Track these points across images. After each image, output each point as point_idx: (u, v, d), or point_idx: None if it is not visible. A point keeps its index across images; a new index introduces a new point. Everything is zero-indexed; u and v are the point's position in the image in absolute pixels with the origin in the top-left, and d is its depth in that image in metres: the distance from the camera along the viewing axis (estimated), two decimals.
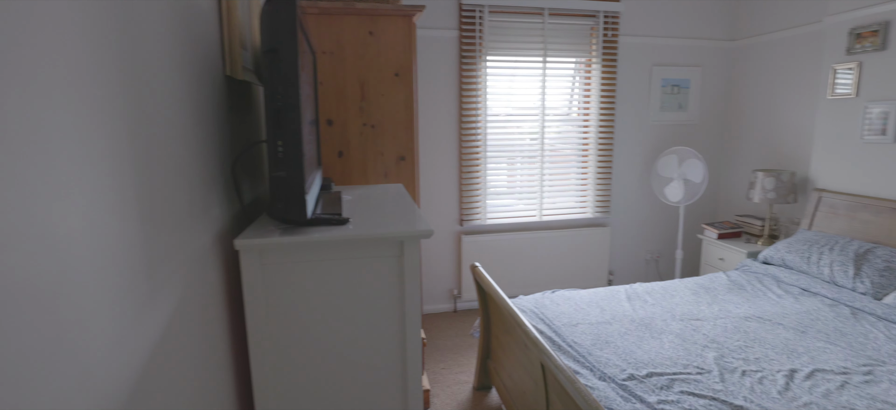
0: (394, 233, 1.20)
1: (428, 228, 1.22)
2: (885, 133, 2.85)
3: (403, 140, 2.24)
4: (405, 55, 2.20)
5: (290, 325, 1.20)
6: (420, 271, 2.64)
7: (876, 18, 2.88)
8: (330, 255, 1.19)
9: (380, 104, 2.21)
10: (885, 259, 2.57)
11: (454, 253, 3.86)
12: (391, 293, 1.25)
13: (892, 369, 1.87)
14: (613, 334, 2.16)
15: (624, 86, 3.92)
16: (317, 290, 1.20)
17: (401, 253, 1.22)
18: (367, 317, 1.24)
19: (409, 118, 2.24)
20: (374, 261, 1.22)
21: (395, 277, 1.24)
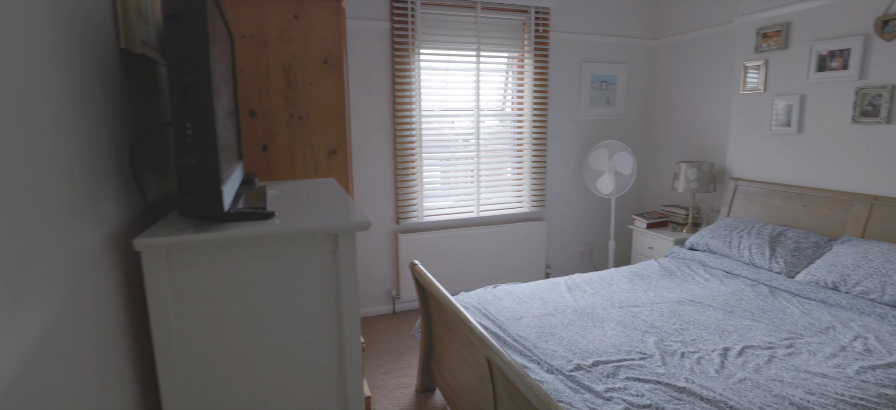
0: (327, 226, 1.07)
1: (365, 219, 1.10)
2: (790, 125, 3.08)
3: (335, 132, 2.10)
4: (334, 41, 2.05)
5: (208, 336, 1.03)
6: None
7: (779, 19, 3.10)
8: (253, 254, 1.04)
9: (308, 93, 2.05)
10: (794, 240, 2.77)
11: (391, 252, 3.74)
12: (326, 293, 1.11)
13: (809, 341, 1.99)
14: (557, 325, 2.14)
15: (555, 81, 3.98)
16: (239, 295, 1.04)
17: (335, 248, 1.10)
18: (300, 322, 1.11)
19: (340, 108, 2.09)
20: (305, 259, 1.08)
21: (330, 275, 1.11)
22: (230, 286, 1.03)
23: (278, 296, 1.08)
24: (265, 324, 1.08)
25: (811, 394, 1.62)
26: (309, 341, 1.12)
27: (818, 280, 2.46)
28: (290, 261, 1.07)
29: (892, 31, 2.57)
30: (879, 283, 2.26)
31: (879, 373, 1.75)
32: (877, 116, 2.65)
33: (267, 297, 1.07)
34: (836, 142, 2.86)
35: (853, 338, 2.00)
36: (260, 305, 1.06)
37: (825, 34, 2.86)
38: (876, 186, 2.68)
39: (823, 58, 2.87)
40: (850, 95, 2.77)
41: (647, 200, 4.49)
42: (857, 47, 2.71)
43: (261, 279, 1.05)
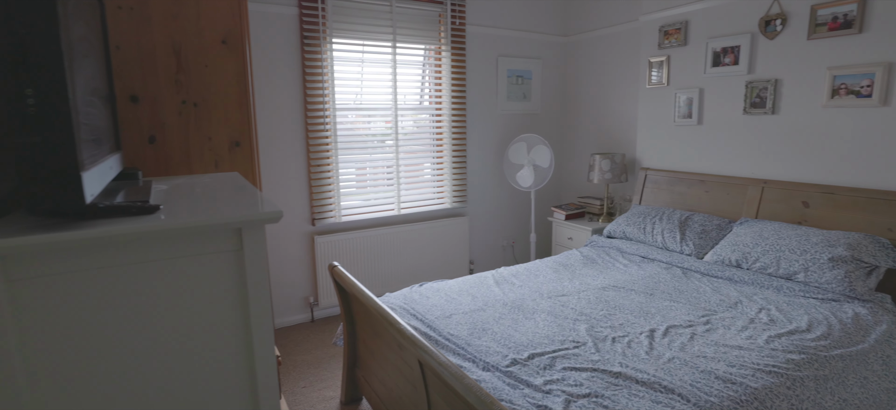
0: (228, 219, 0.88)
1: (275, 209, 0.92)
2: (691, 116, 3.28)
3: (237, 122, 1.85)
4: (234, 19, 1.81)
5: (68, 365, 0.80)
6: (267, 281, 2.24)
7: (678, 18, 3.30)
8: (129, 258, 0.82)
9: (204, 77, 1.78)
10: (700, 224, 2.94)
11: (307, 256, 3.48)
12: (230, 301, 0.92)
13: (722, 316, 2.09)
14: (489, 320, 2.07)
15: (473, 75, 3.95)
16: (110, 310, 0.82)
17: (239, 245, 0.91)
18: (197, 338, 0.90)
19: (243, 95, 1.85)
20: (200, 260, 0.88)
21: (233, 279, 0.92)
22: (98, 300, 0.81)
23: (166, 309, 0.87)
24: (149, 344, 0.86)
25: (732, 366, 1.67)
26: (210, 359, 0.92)
27: (723, 259, 2.63)
28: (180, 265, 0.87)
29: (774, 30, 2.81)
30: (775, 259, 2.44)
31: (785, 340, 1.86)
32: (764, 107, 2.89)
33: (150, 311, 0.85)
34: (731, 131, 3.08)
35: (758, 310, 2.13)
36: (141, 321, 0.85)
37: (718, 32, 3.08)
38: (766, 171, 2.93)
39: (718, 54, 3.09)
40: (742, 88, 2.99)
41: (564, 192, 4.62)
42: (745, 44, 2.93)
43: (141, 289, 0.84)
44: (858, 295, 2.18)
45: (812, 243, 2.39)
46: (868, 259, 2.26)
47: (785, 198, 2.78)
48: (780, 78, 2.81)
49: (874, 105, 2.45)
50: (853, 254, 2.26)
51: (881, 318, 2.07)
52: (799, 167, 2.77)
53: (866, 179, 2.52)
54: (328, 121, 3.33)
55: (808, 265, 2.32)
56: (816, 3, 2.61)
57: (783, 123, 2.82)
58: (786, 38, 2.76)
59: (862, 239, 2.34)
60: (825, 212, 2.62)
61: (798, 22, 2.70)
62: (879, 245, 2.32)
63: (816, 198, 2.66)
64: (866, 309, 2.11)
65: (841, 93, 2.56)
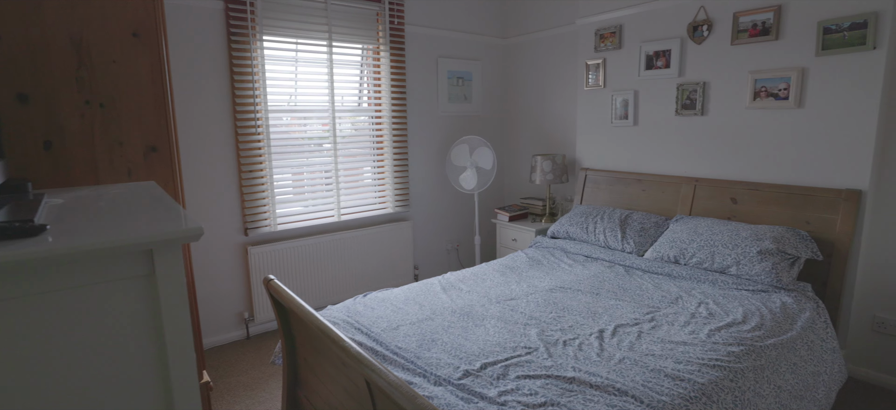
0: (135, 240, 0.74)
1: (195, 227, 0.79)
2: (627, 117, 3.38)
3: (153, 125, 1.65)
4: (146, 9, 1.61)
5: None
6: (194, 295, 2.03)
7: (613, 22, 3.39)
8: (6, 291, 0.66)
9: (111, 74, 1.57)
10: (639, 221, 3.02)
11: (240, 268, 3.24)
12: (140, 334, 0.78)
13: (665, 313, 2.14)
14: (438, 330, 1.98)
15: (413, 76, 3.86)
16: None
17: (151, 269, 0.77)
18: (100, 383, 0.75)
19: (159, 95, 1.66)
20: (102, 290, 0.73)
21: (144, 309, 0.77)
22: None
23: (58, 353, 0.71)
24: (38, 396, 0.70)
25: (679, 363, 1.69)
26: (118, 405, 0.77)
27: (663, 256, 2.70)
28: (75, 298, 0.72)
29: (701, 36, 2.94)
30: (709, 254, 2.54)
31: (724, 333, 1.92)
32: (694, 109, 3.02)
33: (37, 357, 0.69)
34: (664, 132, 3.20)
35: (698, 305, 2.19)
36: (24, 370, 0.69)
37: (651, 36, 3.19)
38: (697, 169, 3.06)
39: (650, 57, 3.20)
40: (673, 91, 3.11)
41: (507, 193, 4.63)
42: (676, 49, 3.05)
43: (23, 330, 0.68)
44: (784, 285, 2.30)
45: (742, 237, 2.51)
46: (791, 251, 2.39)
47: (716, 195, 2.92)
48: (707, 81, 2.94)
49: (791, 107, 2.61)
50: (778, 247, 2.39)
51: (804, 306, 2.20)
52: (727, 165, 2.92)
53: (786, 176, 2.68)
54: (260, 124, 3.12)
55: (739, 259, 2.43)
56: (738, 10, 2.76)
57: (711, 124, 2.96)
58: (712, 43, 2.90)
59: (785, 232, 2.48)
60: (752, 208, 2.77)
61: (722, 28, 2.84)
62: (800, 237, 2.47)
63: (743, 194, 2.80)
64: (791, 298, 2.23)
65: (762, 96, 2.72)
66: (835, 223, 2.47)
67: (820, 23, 2.46)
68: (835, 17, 2.42)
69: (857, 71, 2.38)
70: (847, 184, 2.48)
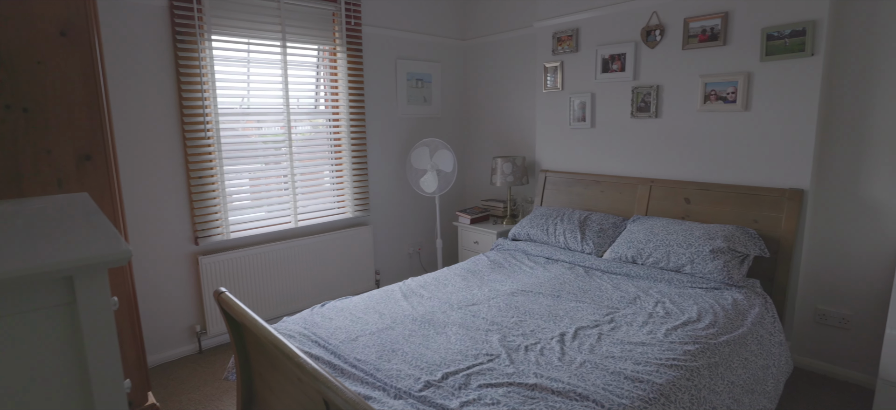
0: (50, 266, 0.66)
1: (121, 249, 0.71)
2: (585, 120, 3.43)
3: (86, 131, 1.53)
4: (76, 5, 1.49)
5: None
6: (136, 311, 1.91)
7: (570, 26, 3.43)
8: None
9: (37, 77, 1.44)
10: (598, 222, 3.07)
11: (191, 279, 3.08)
12: (62, 370, 0.70)
13: (624, 313, 2.17)
14: (398, 339, 1.93)
15: (372, 78, 3.79)
16: None
17: (71, 298, 0.69)
18: None
19: (93, 98, 1.54)
20: (11, 323, 0.65)
21: (62, 342, 0.69)
22: None
23: None
24: None
25: (638, 364, 1.71)
26: None
27: (621, 256, 2.75)
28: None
29: (654, 40, 3.01)
30: (665, 253, 2.60)
31: (680, 332, 1.96)
32: (648, 112, 3.09)
33: None
34: (620, 134, 3.26)
35: (655, 304, 2.24)
36: None
37: (606, 40, 3.24)
38: (652, 170, 3.13)
39: (606, 60, 3.25)
40: (628, 94, 3.18)
41: (468, 196, 4.62)
42: (630, 52, 3.12)
43: None
44: (735, 282, 2.38)
45: (695, 237, 2.58)
46: (741, 248, 2.48)
47: (670, 196, 3.00)
48: (661, 84, 3.02)
49: (738, 110, 2.71)
50: (729, 245, 2.48)
51: (754, 302, 2.28)
52: (680, 166, 3.00)
53: (735, 176, 2.78)
54: (210, 128, 2.97)
55: (693, 257, 2.50)
56: (689, 15, 2.84)
57: (665, 126, 3.03)
58: (664, 47, 2.97)
59: (735, 230, 2.57)
60: (704, 207, 2.85)
61: (674, 33, 2.92)
62: (748, 235, 2.56)
63: (696, 194, 2.89)
64: (742, 294, 2.31)
65: (711, 99, 2.81)
66: (780, 221, 2.58)
67: (764, 30, 2.56)
68: (777, 24, 2.52)
69: (798, 76, 2.49)
70: (790, 184, 2.59)
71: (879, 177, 2.43)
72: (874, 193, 2.46)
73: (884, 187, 2.43)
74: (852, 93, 2.46)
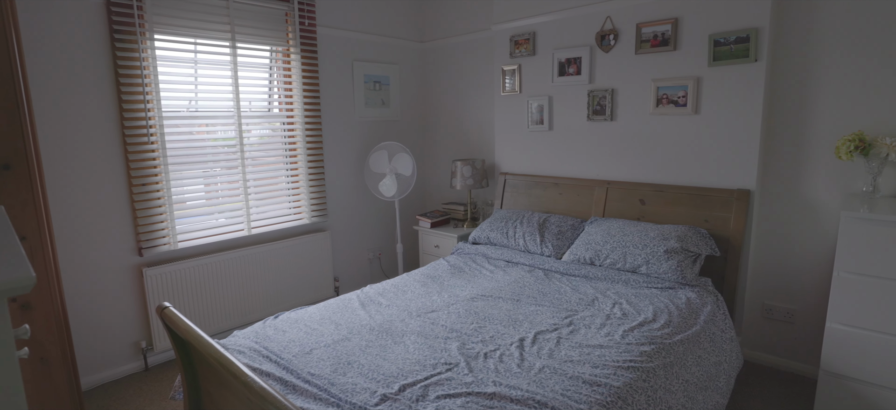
0: None
1: (22, 276, 0.63)
2: (543, 122, 3.45)
3: (3, 138, 1.40)
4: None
5: None
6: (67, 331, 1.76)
7: (526, 29, 3.45)
8: None
9: None
10: (557, 225, 3.09)
11: (135, 293, 2.91)
12: None
13: (582, 315, 2.18)
14: (355, 351, 1.87)
15: (327, 80, 3.70)
16: None
17: None
18: None
19: (9, 102, 1.41)
20: None
21: None
22: None
23: None
24: None
25: (596, 367, 1.72)
26: None
27: (579, 258, 2.77)
28: None
29: (609, 44, 3.07)
30: (622, 254, 2.64)
31: (637, 333, 1.98)
32: (604, 114, 3.14)
33: None
34: (577, 137, 3.30)
35: (613, 305, 2.26)
36: None
37: (562, 44, 3.28)
38: (609, 172, 3.18)
39: (563, 64, 3.29)
40: (584, 97, 3.22)
41: (428, 200, 4.58)
42: (586, 56, 3.16)
43: None
44: (688, 281, 2.44)
45: (650, 237, 2.63)
46: (693, 248, 2.55)
47: (626, 197, 3.05)
48: (616, 87, 3.07)
49: (689, 113, 2.79)
50: (682, 245, 2.54)
51: (706, 300, 2.34)
52: (635, 168, 3.06)
53: (687, 178, 2.86)
54: (154, 133, 2.81)
55: (648, 258, 2.55)
56: (641, 21, 2.90)
57: (620, 129, 3.09)
58: (618, 51, 3.03)
59: (687, 230, 2.63)
60: (658, 208, 2.92)
61: (627, 38, 2.98)
62: (700, 235, 2.63)
63: (651, 195, 2.95)
64: (695, 293, 2.37)
65: (664, 103, 2.88)
66: (729, 221, 2.67)
67: (711, 35, 2.64)
68: (723, 31, 2.61)
69: (743, 80, 2.58)
70: (738, 185, 2.68)
71: (819, 177, 2.55)
72: (814, 193, 2.58)
73: (823, 187, 2.55)
74: (793, 98, 2.57)
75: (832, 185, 2.52)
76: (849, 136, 2.29)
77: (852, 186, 2.47)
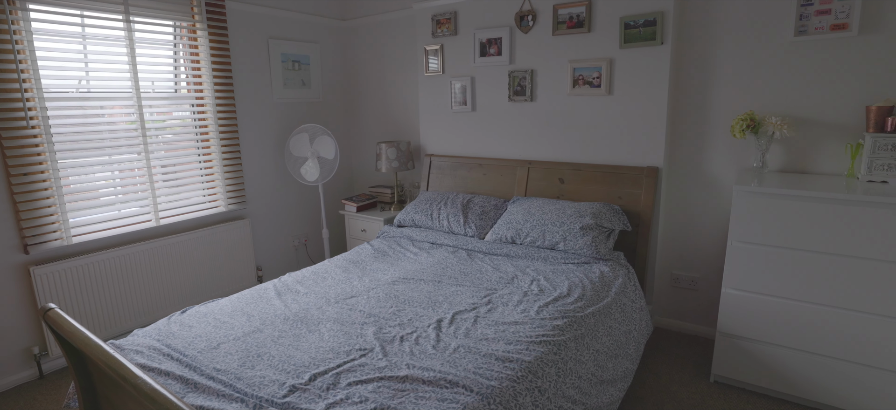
0: None
1: None
2: (466, 103, 3.45)
3: None
4: None
5: None
6: None
7: (448, 8, 3.41)
8: None
9: None
10: (481, 205, 3.12)
11: (23, 294, 2.62)
12: None
13: (501, 294, 2.21)
14: (266, 342, 1.79)
15: (240, 59, 3.48)
16: None
17: None
18: None
19: None
20: None
21: None
22: None
23: None
24: None
25: (509, 344, 1.75)
26: None
27: (501, 237, 2.82)
28: None
29: (527, 25, 3.10)
30: (541, 232, 2.71)
31: (551, 308, 2.05)
32: (524, 95, 3.19)
33: None
34: (499, 117, 3.33)
35: (530, 282, 2.32)
36: None
37: (483, 24, 3.27)
38: (530, 152, 3.24)
39: (484, 44, 3.29)
40: (505, 78, 3.25)
41: (354, 183, 4.48)
42: (506, 37, 3.18)
43: None
44: (602, 255, 2.55)
45: (567, 215, 2.71)
46: (607, 224, 2.66)
47: (546, 176, 3.13)
48: (535, 68, 3.12)
49: (602, 94, 2.88)
50: (597, 221, 2.64)
51: (618, 273, 2.46)
52: (554, 148, 3.14)
53: (602, 156, 2.97)
54: (34, 116, 2.52)
55: (566, 235, 2.63)
56: (557, 2, 2.95)
57: (540, 109, 3.15)
58: (537, 32, 3.07)
59: (602, 207, 2.74)
60: (576, 186, 3.02)
61: (545, 19, 3.02)
62: (614, 211, 2.75)
63: (569, 174, 3.04)
64: (608, 267, 2.48)
65: (580, 83, 2.96)
66: (640, 197, 2.81)
67: (622, 18, 2.73)
68: (633, 14, 2.71)
69: (651, 62, 2.70)
70: (647, 162, 2.82)
71: (718, 154, 2.73)
72: (713, 169, 2.76)
73: (721, 163, 2.73)
74: (696, 78, 2.73)
75: (729, 161, 2.71)
76: (742, 116, 2.46)
77: (745, 162, 2.67)
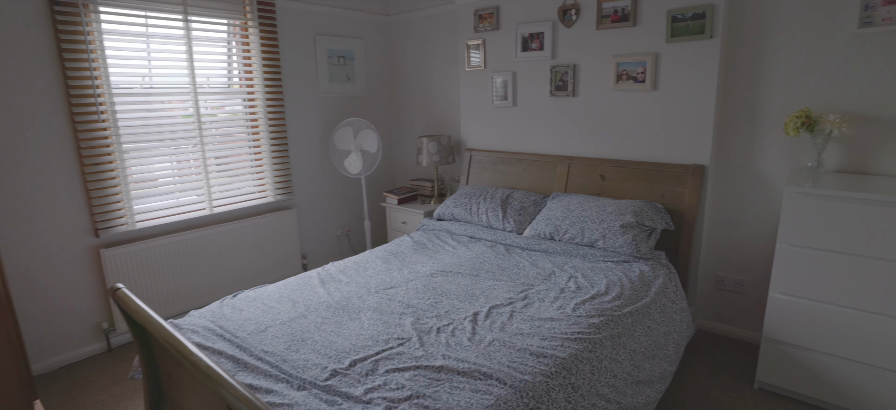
0: None
1: None
2: (507, 98, 3.46)
3: None
4: None
5: None
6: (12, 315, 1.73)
7: (491, 3, 3.41)
8: None
9: None
10: (519, 200, 3.13)
11: (93, 274, 2.86)
12: None
13: (538, 290, 2.23)
14: (310, 328, 1.89)
15: (289, 55, 3.62)
16: None
17: None
18: None
19: None
20: None
21: None
22: None
23: None
24: None
25: (545, 339, 1.77)
26: None
27: (540, 233, 2.82)
28: None
29: (570, 20, 3.06)
30: (580, 229, 2.70)
31: (588, 306, 2.04)
32: (566, 90, 3.16)
33: None
34: (541, 112, 3.32)
35: (568, 279, 2.32)
36: None
37: (525, 18, 3.26)
38: (571, 148, 3.22)
39: (526, 39, 3.28)
40: (547, 72, 3.23)
41: (396, 176, 4.57)
42: (548, 31, 3.16)
43: None
44: (643, 255, 2.51)
45: (608, 212, 2.68)
46: (648, 222, 2.61)
47: (587, 173, 3.10)
48: (577, 63, 3.09)
49: (647, 89, 2.82)
50: (638, 220, 2.60)
51: (659, 272, 2.42)
52: (596, 144, 3.10)
53: (644, 153, 2.92)
54: (104, 110, 2.73)
55: (605, 232, 2.61)
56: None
57: (582, 105, 3.11)
58: (580, 27, 3.03)
59: (644, 205, 2.70)
60: (618, 184, 2.98)
61: (589, 13, 2.98)
62: (656, 210, 2.70)
63: (611, 171, 3.00)
64: (648, 266, 2.44)
65: (623, 79, 2.90)
66: (684, 196, 2.74)
67: (669, 11, 2.66)
68: (681, 7, 2.63)
69: (699, 57, 2.62)
70: (693, 160, 2.74)
71: (769, 153, 2.63)
72: (764, 168, 2.66)
73: (773, 162, 2.63)
74: (746, 74, 2.63)
75: (781, 161, 2.60)
76: (796, 113, 2.35)
77: (799, 161, 2.55)
